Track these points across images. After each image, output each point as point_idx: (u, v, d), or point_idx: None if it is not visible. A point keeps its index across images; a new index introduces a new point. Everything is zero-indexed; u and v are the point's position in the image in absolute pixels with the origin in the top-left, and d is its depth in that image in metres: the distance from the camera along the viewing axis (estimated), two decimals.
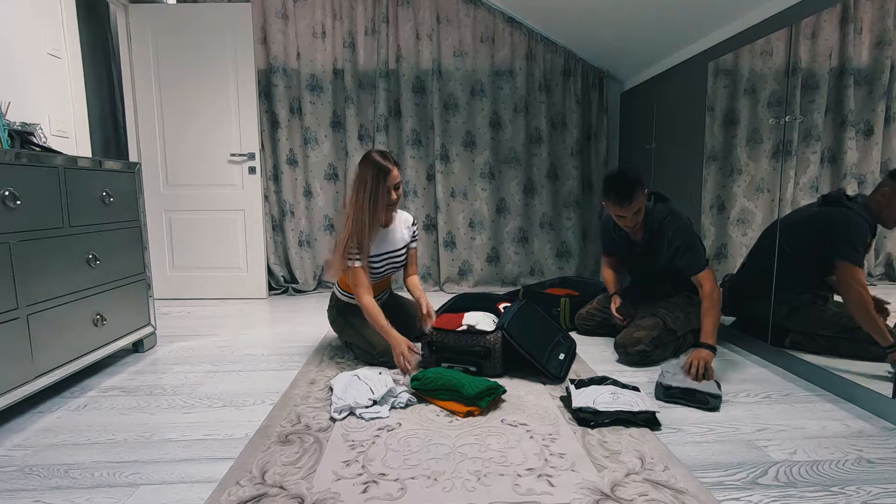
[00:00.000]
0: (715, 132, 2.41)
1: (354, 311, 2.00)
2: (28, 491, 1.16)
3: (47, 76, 2.30)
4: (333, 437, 1.37)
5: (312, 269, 3.49)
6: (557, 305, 2.50)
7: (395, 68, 3.35)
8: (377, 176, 1.83)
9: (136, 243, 2.08)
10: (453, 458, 1.27)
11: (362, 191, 1.84)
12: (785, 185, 1.93)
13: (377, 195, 1.84)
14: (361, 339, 1.97)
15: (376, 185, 1.83)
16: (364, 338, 1.96)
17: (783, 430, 1.43)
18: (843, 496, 1.12)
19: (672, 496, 1.10)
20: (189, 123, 3.12)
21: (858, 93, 1.68)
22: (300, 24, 3.26)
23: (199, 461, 1.28)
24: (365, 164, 1.86)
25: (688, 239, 1.92)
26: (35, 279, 1.55)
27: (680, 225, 1.95)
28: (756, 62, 2.11)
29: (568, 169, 3.53)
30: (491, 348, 1.80)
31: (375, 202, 1.84)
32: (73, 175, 1.72)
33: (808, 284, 1.83)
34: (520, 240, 3.57)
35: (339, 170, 3.47)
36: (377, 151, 1.88)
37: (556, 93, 3.47)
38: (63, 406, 1.63)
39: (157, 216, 3.18)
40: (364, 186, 1.84)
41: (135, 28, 3.04)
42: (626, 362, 1.99)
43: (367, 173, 1.84)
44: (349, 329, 2.03)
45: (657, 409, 1.47)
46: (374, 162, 1.84)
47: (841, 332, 1.73)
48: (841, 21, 1.70)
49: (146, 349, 2.20)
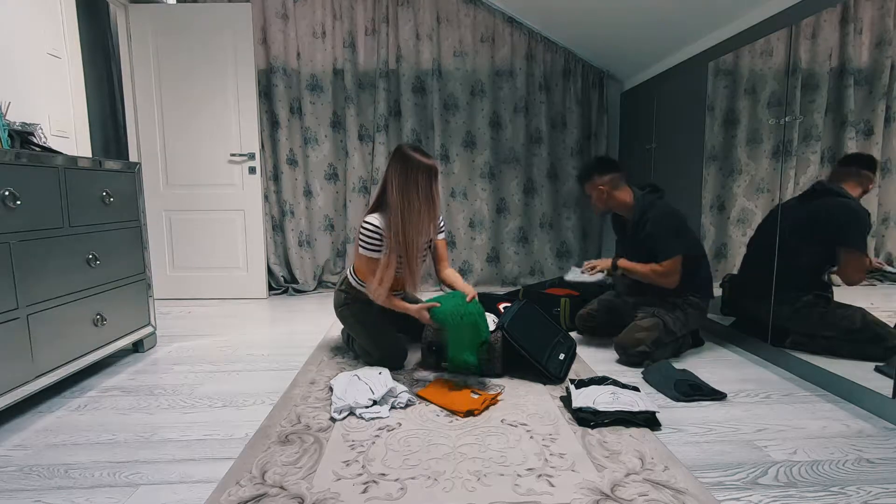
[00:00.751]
0: (715, 132, 2.41)
1: (363, 306, 1.95)
2: (28, 491, 1.16)
3: (47, 76, 2.30)
4: (333, 437, 1.37)
5: (312, 269, 3.49)
6: (557, 305, 2.50)
7: (395, 68, 3.35)
8: (429, 175, 1.76)
9: (136, 243, 2.08)
10: (453, 458, 1.27)
11: (415, 192, 1.74)
12: (785, 185, 1.93)
13: (430, 194, 1.77)
14: (364, 338, 1.96)
15: (428, 184, 1.76)
16: (366, 337, 1.95)
17: (783, 430, 1.43)
18: (843, 496, 1.12)
19: (672, 496, 1.10)
20: (189, 123, 3.12)
21: (858, 93, 1.68)
22: (300, 24, 3.26)
23: (199, 461, 1.28)
24: (408, 163, 1.75)
25: (660, 228, 2.00)
26: (35, 279, 1.55)
27: (657, 214, 2.02)
28: (756, 62, 2.11)
29: (568, 169, 3.53)
30: (491, 348, 1.80)
31: (431, 201, 1.78)
32: (73, 175, 1.72)
33: (811, 284, 1.83)
34: (520, 240, 3.57)
35: (339, 170, 3.47)
36: (416, 149, 1.78)
37: (556, 93, 3.47)
38: (63, 406, 1.63)
39: (157, 216, 3.18)
40: (416, 187, 1.74)
41: (135, 28, 3.04)
42: (627, 363, 1.99)
43: (416, 174, 1.74)
44: (352, 322, 1.98)
45: (657, 409, 1.47)
46: (420, 163, 1.74)
47: (843, 334, 1.73)
48: (841, 21, 1.70)
49: (146, 349, 2.20)
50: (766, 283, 1.98)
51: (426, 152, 1.80)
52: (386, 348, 1.92)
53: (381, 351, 1.91)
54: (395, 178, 1.76)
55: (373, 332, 1.94)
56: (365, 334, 1.95)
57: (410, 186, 1.75)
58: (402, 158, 1.76)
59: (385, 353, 1.91)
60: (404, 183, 1.75)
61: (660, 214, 2.02)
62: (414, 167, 1.75)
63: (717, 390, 1.67)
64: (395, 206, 1.75)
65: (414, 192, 1.74)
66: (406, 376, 1.84)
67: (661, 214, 2.02)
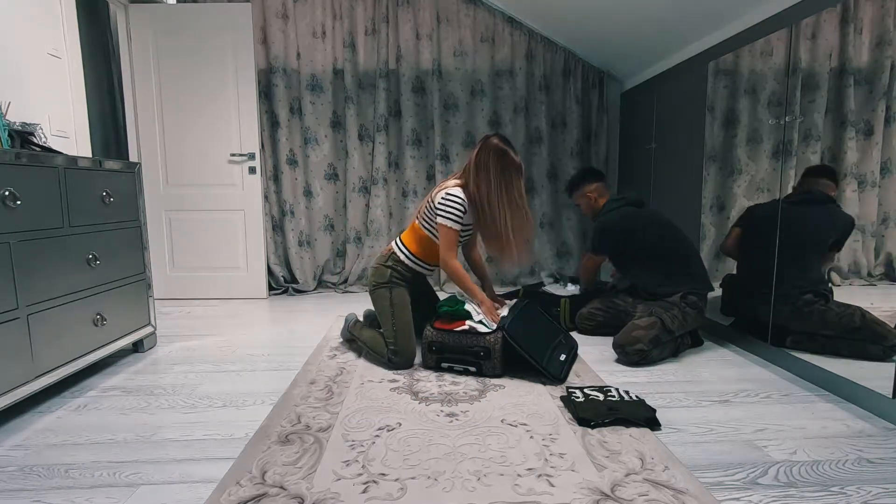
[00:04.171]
0: (715, 132, 2.41)
1: (403, 290, 1.98)
2: (28, 491, 1.16)
3: (47, 76, 2.30)
4: (333, 437, 1.37)
5: (312, 269, 3.49)
6: (557, 305, 2.50)
7: (395, 68, 3.35)
8: (520, 175, 1.88)
9: (136, 243, 2.08)
10: (453, 458, 1.27)
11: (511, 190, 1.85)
12: (785, 185, 1.93)
13: (520, 190, 1.88)
14: (388, 324, 1.93)
15: (520, 184, 1.88)
16: (391, 325, 1.92)
17: (783, 430, 1.43)
18: (843, 496, 1.12)
19: (672, 496, 1.10)
20: (189, 123, 3.12)
21: (858, 93, 1.68)
22: (300, 24, 3.26)
23: (199, 461, 1.28)
24: (502, 157, 1.84)
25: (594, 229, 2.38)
26: (35, 279, 1.55)
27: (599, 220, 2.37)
28: (756, 62, 2.11)
29: (568, 169, 3.53)
30: (491, 348, 1.80)
31: (522, 195, 1.89)
32: (73, 175, 1.72)
33: (812, 281, 1.83)
34: None
35: (338, 170, 3.47)
36: (508, 143, 1.87)
37: (556, 93, 3.47)
38: (63, 406, 1.63)
39: (157, 216, 3.18)
40: (511, 182, 1.85)
41: (135, 28, 3.04)
42: (625, 362, 1.99)
43: (510, 168, 1.84)
44: (386, 304, 1.95)
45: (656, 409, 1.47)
46: (514, 163, 1.85)
47: (843, 333, 1.73)
48: (841, 21, 1.70)
49: (146, 349, 2.20)
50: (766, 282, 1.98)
51: (515, 148, 1.89)
52: (405, 346, 1.90)
53: (399, 347, 1.90)
54: (490, 173, 1.84)
55: (399, 325, 1.92)
56: (391, 323, 1.93)
57: (507, 183, 1.84)
58: (499, 154, 1.84)
59: (402, 350, 1.90)
60: (502, 180, 1.84)
61: (599, 220, 2.35)
62: (508, 166, 1.84)
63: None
64: (495, 199, 1.84)
65: (511, 189, 1.85)
66: (406, 376, 1.84)
67: (598, 221, 2.35)
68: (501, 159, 1.84)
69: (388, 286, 1.97)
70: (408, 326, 1.94)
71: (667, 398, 1.66)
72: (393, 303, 1.95)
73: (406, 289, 2.00)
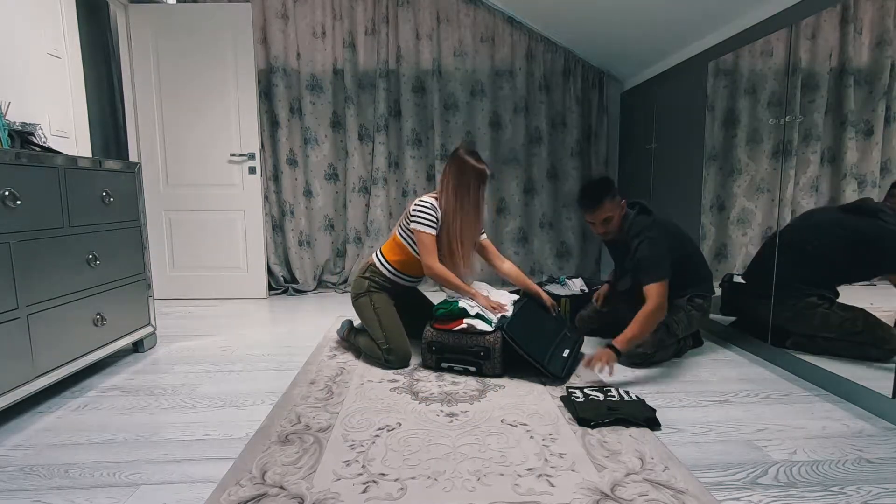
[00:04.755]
0: (715, 132, 2.41)
1: (384, 297, 2.03)
2: (28, 491, 1.16)
3: (47, 76, 2.30)
4: (333, 437, 1.37)
5: (312, 269, 3.49)
6: (558, 305, 2.49)
7: (395, 68, 3.35)
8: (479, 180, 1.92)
9: (136, 243, 2.08)
10: (453, 458, 1.27)
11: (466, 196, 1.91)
12: (785, 185, 1.93)
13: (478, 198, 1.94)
14: (377, 331, 1.96)
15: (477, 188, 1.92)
16: (380, 330, 1.95)
17: (783, 430, 1.43)
18: (843, 496, 1.12)
19: (672, 496, 1.10)
20: (189, 123, 3.12)
21: (858, 93, 1.68)
22: (300, 24, 3.26)
23: (199, 461, 1.28)
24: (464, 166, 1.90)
25: (646, 252, 1.92)
26: (35, 279, 1.55)
27: (645, 237, 1.95)
28: (756, 62, 2.11)
29: (568, 169, 3.53)
30: (491, 348, 1.80)
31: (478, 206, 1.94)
32: (73, 175, 1.72)
33: (819, 285, 1.82)
34: (520, 240, 3.57)
35: (338, 170, 3.47)
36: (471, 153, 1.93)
37: (556, 93, 3.47)
38: (63, 406, 1.63)
39: (157, 216, 3.18)
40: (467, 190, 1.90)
41: (135, 28, 3.04)
42: (627, 363, 1.99)
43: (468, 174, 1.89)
44: (370, 313, 2.00)
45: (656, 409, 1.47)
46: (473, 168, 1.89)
47: (844, 335, 1.73)
48: (841, 21, 1.70)
49: (146, 349, 2.20)
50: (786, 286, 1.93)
51: (480, 157, 1.94)
52: (398, 345, 1.92)
53: (392, 346, 1.91)
54: (450, 182, 1.92)
55: (387, 327, 1.95)
56: (379, 327, 1.96)
57: (463, 189, 1.90)
58: (458, 163, 1.91)
59: (396, 349, 1.91)
60: (458, 185, 1.90)
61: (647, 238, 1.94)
62: (468, 171, 1.90)
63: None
64: (451, 207, 1.91)
65: (465, 195, 1.90)
66: (406, 376, 1.84)
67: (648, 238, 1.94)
68: (460, 167, 1.90)
69: (367, 294, 2.04)
70: (396, 325, 1.97)
71: (667, 398, 1.66)
72: (376, 307, 2.00)
73: (387, 294, 2.05)
